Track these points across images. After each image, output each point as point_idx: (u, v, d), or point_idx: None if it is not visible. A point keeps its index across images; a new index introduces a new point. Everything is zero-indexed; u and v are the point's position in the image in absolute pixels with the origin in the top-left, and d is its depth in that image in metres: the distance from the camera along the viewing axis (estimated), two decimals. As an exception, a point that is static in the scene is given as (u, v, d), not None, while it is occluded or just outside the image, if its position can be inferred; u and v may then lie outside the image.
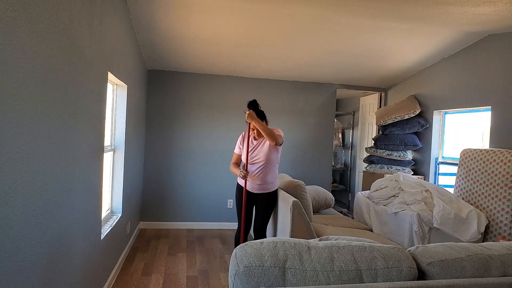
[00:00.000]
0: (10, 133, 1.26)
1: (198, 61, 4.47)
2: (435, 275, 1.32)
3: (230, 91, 5.06)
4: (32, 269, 1.48)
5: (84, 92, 2.07)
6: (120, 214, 3.39)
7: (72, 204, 1.96)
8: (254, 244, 1.27)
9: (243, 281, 1.19)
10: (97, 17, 2.25)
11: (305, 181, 5.26)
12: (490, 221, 3.17)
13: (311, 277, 1.21)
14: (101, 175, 2.57)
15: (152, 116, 4.88)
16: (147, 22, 3.41)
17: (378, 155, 4.71)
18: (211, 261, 3.79)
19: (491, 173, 3.17)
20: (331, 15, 3.13)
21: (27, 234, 1.43)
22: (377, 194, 3.82)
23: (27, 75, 1.35)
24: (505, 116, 3.35)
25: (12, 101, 1.26)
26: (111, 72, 2.70)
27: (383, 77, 4.96)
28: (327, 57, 4.24)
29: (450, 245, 1.44)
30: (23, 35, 1.30)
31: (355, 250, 1.30)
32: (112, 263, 3.11)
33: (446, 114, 4.37)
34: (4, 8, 1.17)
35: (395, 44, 3.81)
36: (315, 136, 5.30)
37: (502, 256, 1.41)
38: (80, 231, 2.12)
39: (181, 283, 3.21)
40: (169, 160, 4.92)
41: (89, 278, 2.38)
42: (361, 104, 6.21)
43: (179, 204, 4.98)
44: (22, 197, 1.37)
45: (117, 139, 3.41)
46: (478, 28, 3.32)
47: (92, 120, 2.27)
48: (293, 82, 5.23)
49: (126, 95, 3.41)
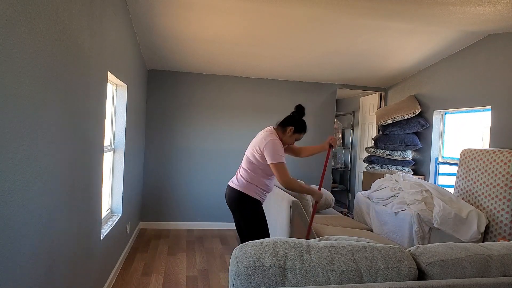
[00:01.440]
0: (10, 133, 1.26)
1: (198, 61, 4.47)
2: (435, 275, 1.32)
3: (230, 91, 5.06)
4: (32, 269, 1.48)
5: (84, 92, 2.07)
6: (120, 214, 3.39)
7: (72, 204, 1.95)
8: (254, 244, 1.27)
9: (243, 281, 1.19)
10: (97, 17, 2.25)
11: (305, 181, 5.26)
12: (490, 221, 3.17)
13: (311, 277, 1.21)
14: (101, 175, 2.56)
15: (152, 116, 4.88)
16: (147, 22, 3.41)
17: (378, 155, 4.71)
18: (211, 261, 3.79)
19: (491, 173, 3.17)
20: (331, 15, 3.13)
21: (27, 234, 1.43)
22: (377, 194, 3.82)
23: (27, 75, 1.35)
24: (505, 116, 3.35)
25: (12, 101, 1.26)
26: (111, 72, 2.70)
27: (383, 77, 4.96)
28: (327, 57, 4.24)
29: (450, 245, 1.44)
30: (23, 35, 1.30)
31: (355, 250, 1.30)
32: (112, 263, 3.11)
33: (446, 114, 4.37)
34: (4, 8, 1.17)
35: (395, 44, 3.81)
36: (315, 136, 5.30)
37: (502, 256, 1.41)
38: (80, 231, 2.12)
39: (181, 283, 3.21)
40: (169, 160, 4.92)
41: (89, 278, 2.38)
42: (361, 104, 6.21)
43: (179, 204, 4.98)
44: (22, 197, 1.37)
45: (117, 139, 3.41)
46: (478, 28, 3.32)
47: (92, 120, 2.27)
48: (293, 82, 5.22)
49: (126, 95, 3.41)
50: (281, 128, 2.72)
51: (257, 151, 2.60)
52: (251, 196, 2.62)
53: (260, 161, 2.59)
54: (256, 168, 2.62)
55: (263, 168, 2.61)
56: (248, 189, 2.62)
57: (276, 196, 3.34)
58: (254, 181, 2.62)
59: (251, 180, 2.62)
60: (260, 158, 2.59)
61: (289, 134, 2.69)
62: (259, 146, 2.59)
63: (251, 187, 2.62)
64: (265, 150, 2.55)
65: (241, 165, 2.76)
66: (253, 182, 2.62)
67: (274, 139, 2.57)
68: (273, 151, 2.52)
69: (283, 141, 2.68)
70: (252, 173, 2.62)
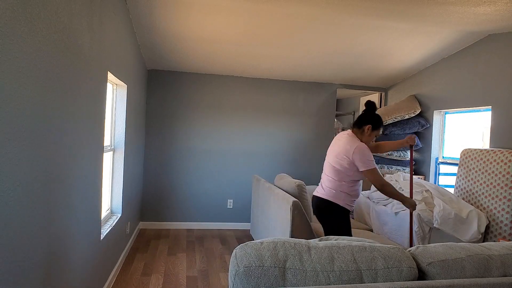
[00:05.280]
0: (10, 133, 1.25)
1: (198, 61, 4.47)
2: (435, 275, 1.32)
3: (230, 91, 5.06)
4: (32, 269, 1.48)
5: (84, 92, 2.07)
6: (120, 214, 3.39)
7: (71, 204, 1.95)
8: (254, 244, 1.27)
9: (243, 281, 1.18)
10: (97, 17, 2.25)
11: (305, 181, 5.26)
12: (490, 221, 3.17)
13: (311, 277, 1.21)
14: (101, 175, 2.56)
15: (152, 116, 4.88)
16: (147, 22, 3.41)
17: (378, 155, 4.71)
18: (211, 261, 3.79)
19: (491, 173, 3.17)
20: (331, 15, 3.13)
21: (27, 234, 1.42)
22: (377, 194, 3.82)
23: (27, 75, 1.35)
24: (505, 116, 3.35)
25: (12, 101, 1.25)
26: (111, 72, 2.70)
27: (383, 77, 4.96)
28: (327, 57, 4.24)
29: (450, 245, 1.43)
30: (23, 35, 1.30)
31: (355, 250, 1.30)
32: (112, 263, 3.11)
33: (446, 114, 4.37)
34: (4, 8, 1.17)
35: (395, 44, 3.81)
36: (315, 136, 5.30)
37: (502, 256, 1.41)
38: (79, 231, 2.12)
39: (181, 283, 3.21)
40: (169, 160, 4.92)
41: (89, 278, 2.38)
42: (361, 104, 6.21)
43: (179, 204, 4.97)
44: (22, 197, 1.37)
45: (117, 139, 3.41)
46: (478, 28, 3.32)
47: (92, 120, 2.27)
48: (293, 82, 5.22)
49: (126, 95, 3.41)
50: (358, 129, 2.66)
51: (343, 159, 2.54)
52: (339, 205, 2.59)
53: (348, 168, 2.54)
54: (343, 175, 2.57)
55: (351, 175, 2.56)
56: (337, 198, 2.58)
57: (276, 196, 3.34)
58: (342, 189, 2.58)
59: (339, 188, 2.58)
60: (348, 165, 2.53)
61: (367, 133, 2.62)
62: (346, 154, 2.53)
63: (339, 196, 2.58)
64: (354, 157, 2.49)
65: (324, 173, 2.70)
66: (342, 190, 2.58)
67: (360, 145, 2.51)
68: (363, 157, 2.48)
69: (364, 142, 2.62)
70: (339, 182, 2.58)
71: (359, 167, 2.51)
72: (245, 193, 5.13)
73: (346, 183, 2.58)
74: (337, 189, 2.59)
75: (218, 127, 5.03)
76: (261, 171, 5.17)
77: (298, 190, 3.37)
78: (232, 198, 5.09)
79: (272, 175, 5.19)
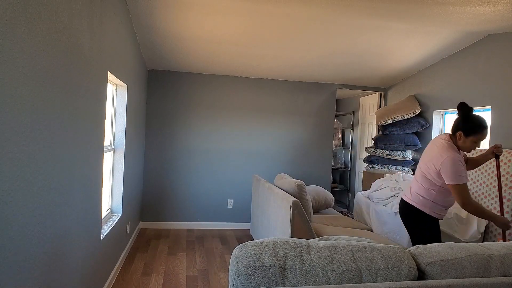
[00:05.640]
0: (10, 133, 1.26)
1: (198, 61, 4.47)
2: (435, 275, 1.32)
3: (230, 91, 5.06)
4: (32, 269, 1.48)
5: (84, 92, 2.07)
6: (120, 214, 3.39)
7: (72, 204, 1.95)
8: (254, 244, 1.27)
9: (243, 281, 1.19)
10: (97, 17, 2.25)
11: (305, 181, 5.26)
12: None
13: (311, 277, 1.21)
14: (101, 175, 2.57)
15: (152, 116, 4.88)
16: (147, 22, 3.41)
17: (378, 155, 4.72)
18: (211, 261, 3.79)
19: (491, 173, 3.17)
20: (331, 15, 3.13)
21: (27, 234, 1.43)
22: (377, 194, 3.82)
23: (27, 75, 1.35)
24: (505, 116, 3.35)
25: (12, 101, 1.26)
26: (111, 72, 2.70)
27: (383, 77, 4.96)
28: (327, 57, 4.24)
29: (450, 245, 1.44)
30: (23, 35, 1.30)
31: (355, 250, 1.30)
32: (112, 263, 3.11)
33: (446, 114, 4.37)
34: (4, 8, 1.17)
35: (395, 44, 3.81)
36: (315, 136, 5.31)
37: (502, 256, 1.41)
38: (80, 231, 2.12)
39: (181, 283, 3.21)
40: (169, 160, 4.92)
41: (89, 278, 2.38)
42: (361, 104, 6.21)
43: (179, 204, 4.98)
44: (22, 197, 1.37)
45: (117, 139, 3.42)
46: (478, 28, 3.32)
47: (92, 120, 2.27)
48: (293, 82, 5.23)
49: (126, 95, 3.41)
50: (453, 136, 2.41)
51: (431, 167, 2.34)
52: (426, 213, 2.40)
53: (436, 179, 2.34)
54: (432, 184, 2.37)
55: (441, 185, 2.34)
56: (424, 206, 2.41)
57: (276, 196, 3.34)
58: (431, 197, 2.38)
59: (428, 196, 2.39)
60: (437, 176, 2.33)
61: (461, 140, 2.34)
62: (434, 164, 2.31)
63: (427, 204, 2.40)
64: (441, 169, 2.27)
65: (415, 177, 2.52)
66: (430, 198, 2.38)
67: (453, 155, 2.25)
68: (451, 171, 2.23)
69: (463, 150, 2.38)
70: (427, 190, 2.39)
71: (445, 180, 2.28)
72: (245, 193, 5.13)
73: (436, 192, 2.37)
74: (425, 197, 2.40)
75: (218, 127, 5.04)
76: (261, 171, 5.17)
77: (298, 190, 3.37)
78: (232, 198, 5.10)
79: (272, 175, 5.19)
